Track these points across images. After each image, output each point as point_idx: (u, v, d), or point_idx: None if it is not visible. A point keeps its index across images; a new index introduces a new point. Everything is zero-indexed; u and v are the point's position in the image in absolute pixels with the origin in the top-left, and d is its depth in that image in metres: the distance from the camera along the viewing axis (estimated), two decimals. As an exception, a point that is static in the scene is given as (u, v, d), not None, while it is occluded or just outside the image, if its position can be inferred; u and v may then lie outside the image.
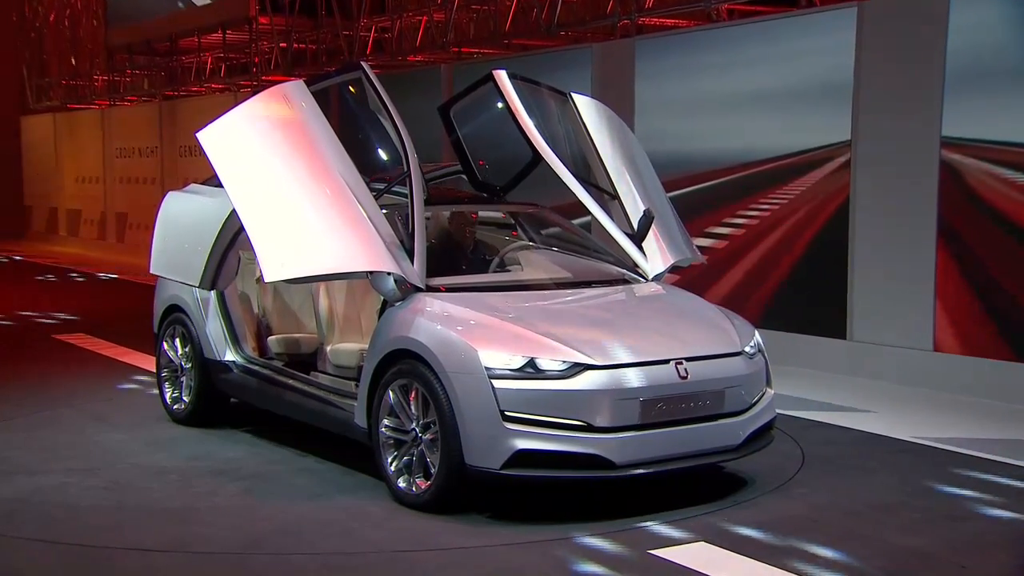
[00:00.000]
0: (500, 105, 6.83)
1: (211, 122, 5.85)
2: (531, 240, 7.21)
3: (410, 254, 5.83)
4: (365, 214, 5.72)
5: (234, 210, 5.90)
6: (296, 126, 5.88)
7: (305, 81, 6.15)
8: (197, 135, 5.84)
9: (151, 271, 7.09)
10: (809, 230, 9.45)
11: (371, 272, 5.75)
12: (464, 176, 7.33)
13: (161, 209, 7.22)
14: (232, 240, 6.57)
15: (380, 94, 6.13)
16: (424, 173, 6.24)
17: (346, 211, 5.69)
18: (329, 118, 5.99)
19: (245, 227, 5.66)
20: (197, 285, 6.67)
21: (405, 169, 5.99)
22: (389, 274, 5.75)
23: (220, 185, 7.01)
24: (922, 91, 8.59)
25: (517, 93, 6.82)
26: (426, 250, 5.95)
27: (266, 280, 5.60)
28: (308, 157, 5.79)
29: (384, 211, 5.94)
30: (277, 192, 5.71)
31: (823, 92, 9.32)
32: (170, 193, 7.51)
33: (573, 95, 7.16)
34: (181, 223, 7.05)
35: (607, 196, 6.85)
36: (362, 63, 6.30)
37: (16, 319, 12.96)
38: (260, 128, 5.85)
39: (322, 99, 6.09)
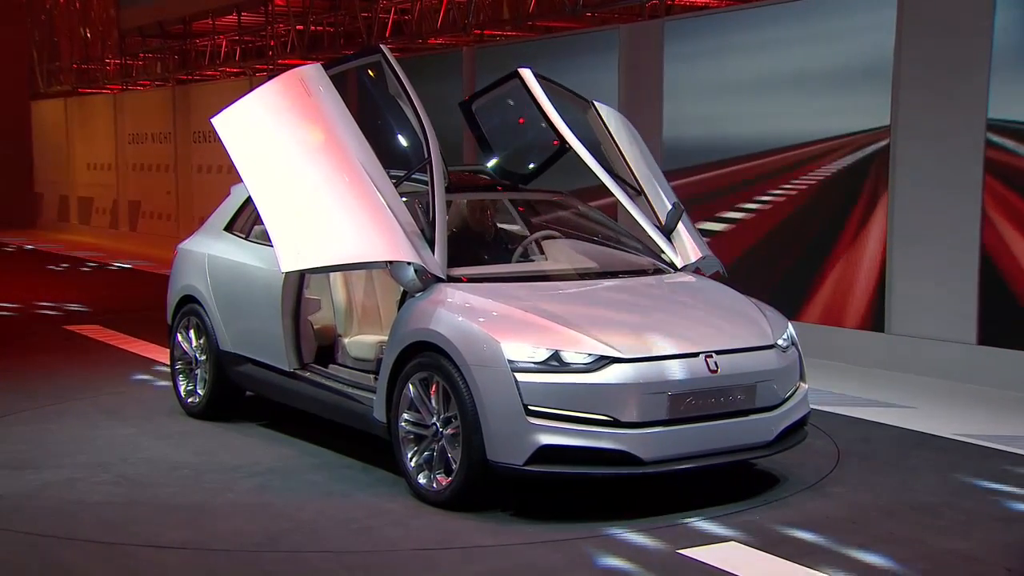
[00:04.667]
0: (525, 98, 6.78)
1: (226, 107, 5.83)
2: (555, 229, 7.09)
3: (431, 243, 5.74)
4: (384, 202, 5.64)
5: (286, 274, 5.89)
6: (313, 111, 5.82)
7: (323, 65, 6.10)
8: (212, 120, 5.83)
9: (230, 349, 7.03)
10: (846, 217, 9.23)
11: (391, 262, 5.66)
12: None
13: (210, 286, 7.18)
14: (296, 306, 6.54)
15: (400, 78, 6.06)
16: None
17: (365, 199, 5.61)
18: (347, 103, 5.92)
19: (260, 215, 5.64)
20: (290, 368, 6.60)
21: (426, 155, 5.91)
22: (409, 264, 5.65)
23: (228, 228, 7.27)
24: (967, 71, 8.32)
25: (543, 88, 6.78)
26: (447, 239, 5.83)
27: (282, 270, 5.58)
28: (325, 143, 5.74)
29: (404, 199, 5.86)
30: (294, 179, 5.66)
31: (861, 74, 9.08)
32: (207, 257, 7.36)
33: (596, 104, 7.08)
34: (240, 299, 6.96)
35: (634, 191, 6.78)
36: (381, 46, 6.24)
37: (26, 309, 12.91)
38: (276, 113, 5.81)
39: (340, 83, 6.04)
